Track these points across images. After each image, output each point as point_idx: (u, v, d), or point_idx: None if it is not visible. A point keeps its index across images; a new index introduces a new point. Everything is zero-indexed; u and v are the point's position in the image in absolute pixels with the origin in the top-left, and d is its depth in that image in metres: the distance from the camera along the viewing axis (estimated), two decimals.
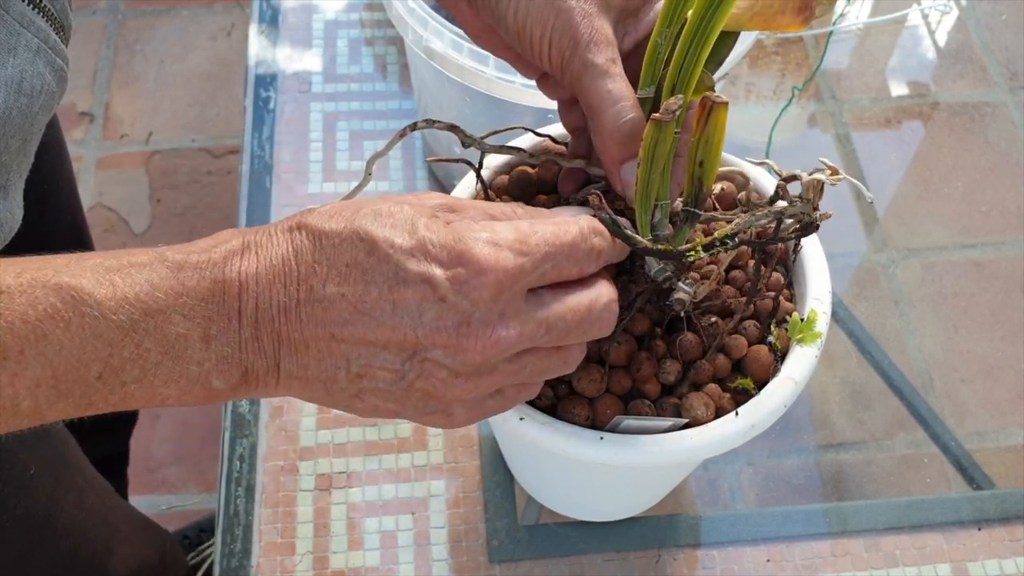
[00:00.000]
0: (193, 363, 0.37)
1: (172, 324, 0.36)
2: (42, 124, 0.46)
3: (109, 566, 0.80)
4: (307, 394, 0.40)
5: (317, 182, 0.82)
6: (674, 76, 0.42)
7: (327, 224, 0.38)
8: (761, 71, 0.94)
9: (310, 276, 0.38)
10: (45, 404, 0.35)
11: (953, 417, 0.74)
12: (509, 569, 0.64)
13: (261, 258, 0.38)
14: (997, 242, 0.85)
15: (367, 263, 0.38)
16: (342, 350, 0.38)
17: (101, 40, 1.82)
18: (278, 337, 0.38)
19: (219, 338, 0.37)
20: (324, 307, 0.38)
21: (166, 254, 0.38)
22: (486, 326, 0.38)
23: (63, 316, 0.34)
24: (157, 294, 0.36)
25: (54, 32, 0.45)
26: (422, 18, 0.66)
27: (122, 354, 0.35)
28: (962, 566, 0.66)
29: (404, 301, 0.37)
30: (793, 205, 0.43)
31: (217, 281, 0.37)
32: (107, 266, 0.36)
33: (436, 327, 0.38)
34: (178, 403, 0.38)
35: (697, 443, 0.45)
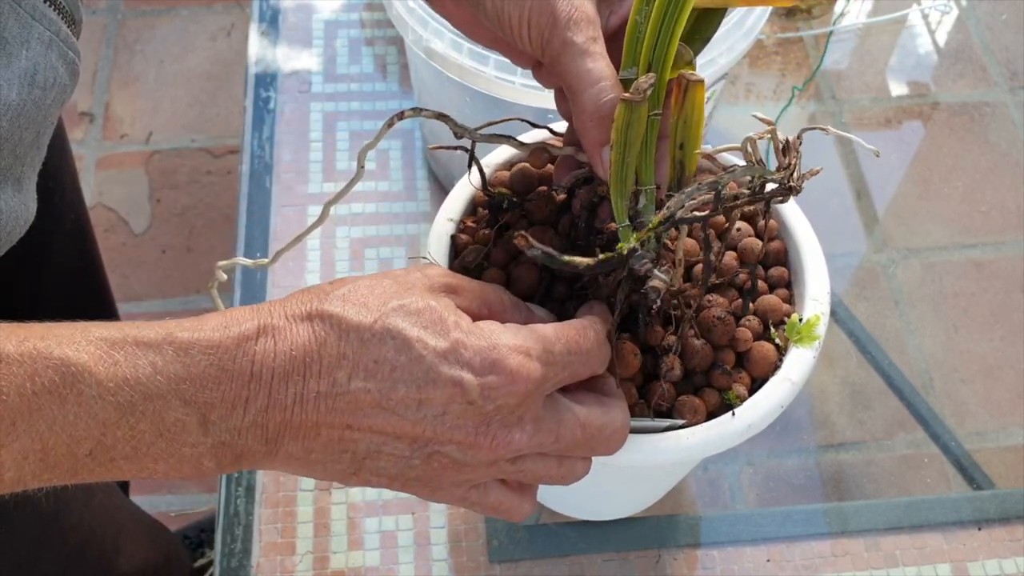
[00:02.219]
0: (187, 445, 0.36)
1: (171, 409, 0.35)
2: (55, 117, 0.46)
3: (116, 564, 0.80)
4: (300, 472, 0.40)
5: (317, 182, 0.82)
6: (648, 54, 0.41)
7: (355, 316, 0.38)
8: (761, 71, 0.94)
9: (334, 369, 0.37)
10: (30, 475, 0.35)
11: (953, 417, 0.74)
12: (509, 569, 0.64)
13: (279, 346, 0.37)
14: (997, 242, 0.84)
15: (397, 361, 0.38)
16: (354, 437, 0.38)
17: (101, 40, 1.82)
18: (287, 425, 0.37)
19: (219, 424, 0.36)
20: (347, 400, 0.38)
21: (175, 333, 0.36)
22: (504, 428, 0.39)
23: (59, 392, 0.34)
24: (158, 378, 0.35)
25: (65, 25, 0.45)
26: (422, 18, 0.66)
27: (115, 433, 0.35)
28: (962, 566, 0.66)
29: (430, 400, 0.38)
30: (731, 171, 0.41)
31: (226, 370, 0.36)
32: (111, 341, 0.35)
33: (456, 426, 0.38)
34: (164, 477, 0.38)
35: (693, 443, 0.45)
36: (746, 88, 0.93)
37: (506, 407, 0.39)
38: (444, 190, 0.81)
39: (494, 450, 0.39)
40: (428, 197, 0.82)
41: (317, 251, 0.78)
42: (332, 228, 0.79)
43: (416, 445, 0.39)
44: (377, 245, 0.79)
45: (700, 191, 0.41)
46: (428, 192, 0.82)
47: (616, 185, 0.42)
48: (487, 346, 0.39)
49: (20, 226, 0.45)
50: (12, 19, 0.41)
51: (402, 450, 0.39)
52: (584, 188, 0.48)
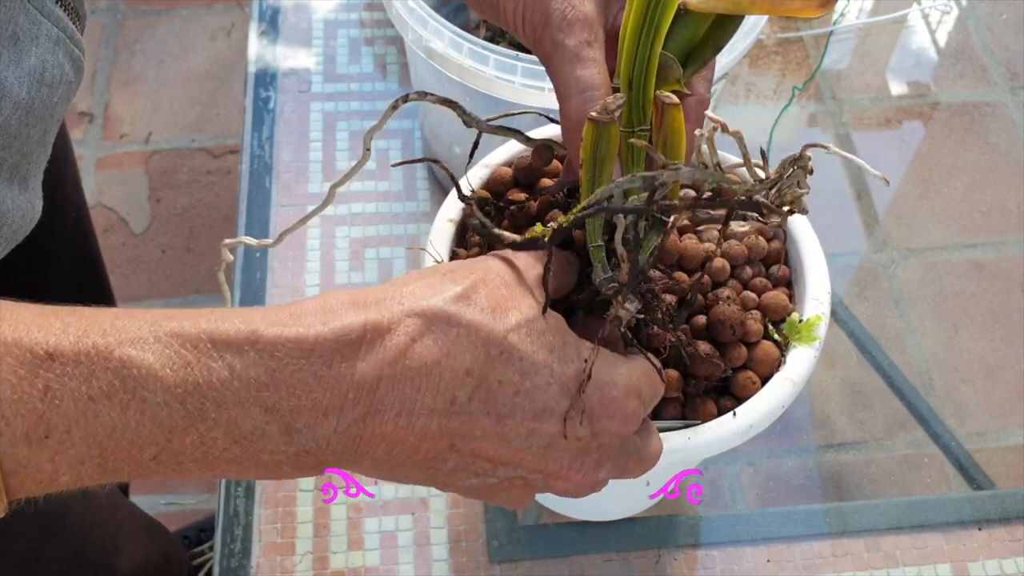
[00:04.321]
0: (265, 452, 0.33)
1: (249, 417, 0.31)
2: (61, 114, 0.46)
3: (116, 564, 0.80)
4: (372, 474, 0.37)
5: (317, 182, 0.82)
6: (629, 68, 0.38)
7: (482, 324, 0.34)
8: (761, 71, 0.94)
9: (456, 386, 0.34)
10: (88, 479, 0.32)
11: (953, 417, 0.74)
12: (509, 569, 0.64)
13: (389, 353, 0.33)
14: (997, 242, 0.84)
15: (522, 386, 0.35)
16: (449, 456, 0.36)
17: (101, 40, 1.82)
18: (384, 436, 0.34)
19: (304, 432, 0.32)
20: (461, 421, 0.34)
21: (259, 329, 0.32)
22: (596, 466, 0.38)
23: (120, 398, 0.30)
24: (235, 383, 0.31)
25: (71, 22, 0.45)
26: (422, 18, 0.66)
27: (183, 440, 0.31)
28: (962, 566, 0.66)
29: (541, 431, 0.36)
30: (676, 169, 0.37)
31: (320, 377, 0.32)
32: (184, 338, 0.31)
33: (555, 459, 0.37)
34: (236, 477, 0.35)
35: (694, 443, 0.45)
36: (746, 88, 0.93)
37: (607, 447, 0.38)
38: (444, 190, 0.81)
39: (578, 486, 0.38)
40: (428, 197, 0.81)
41: (317, 251, 0.78)
42: (332, 228, 0.79)
43: (505, 469, 0.37)
44: (377, 245, 0.79)
45: (633, 183, 0.37)
46: (428, 192, 0.82)
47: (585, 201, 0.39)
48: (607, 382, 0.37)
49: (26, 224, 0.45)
50: (22, 16, 0.41)
51: (488, 471, 0.37)
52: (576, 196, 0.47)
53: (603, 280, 0.41)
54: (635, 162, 0.40)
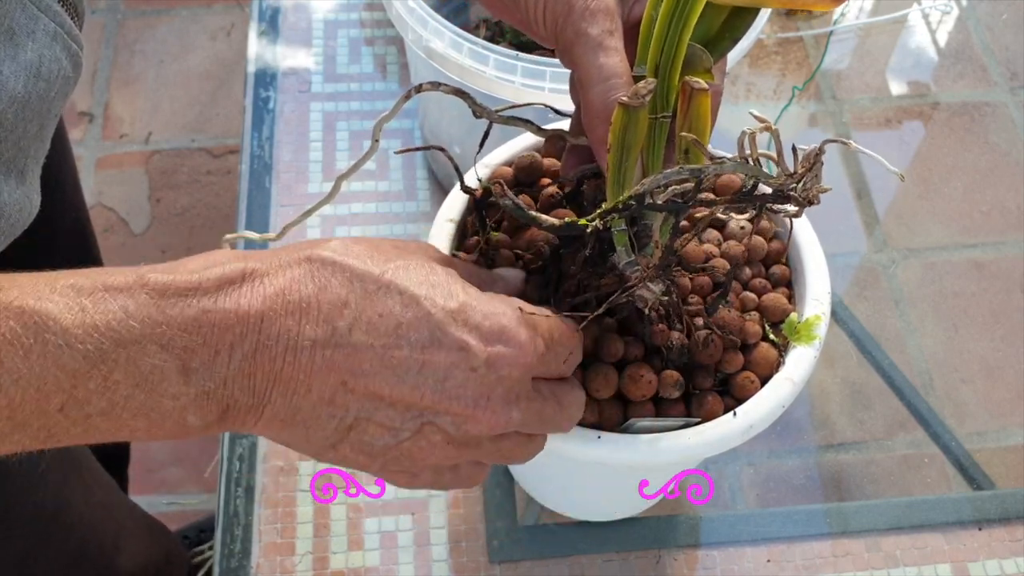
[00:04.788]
0: (168, 397, 0.34)
1: (147, 355, 0.33)
2: (58, 110, 0.46)
3: (116, 563, 0.80)
4: (282, 436, 0.38)
5: (317, 182, 0.82)
6: (656, 56, 0.39)
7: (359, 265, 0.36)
8: (761, 71, 0.94)
9: (335, 317, 0.35)
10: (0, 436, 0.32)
11: (953, 417, 0.74)
12: (509, 569, 0.64)
13: (269, 288, 0.35)
14: (997, 242, 0.84)
15: (403, 316, 0.36)
16: (346, 400, 0.36)
17: (101, 40, 1.82)
18: (276, 376, 0.35)
19: (200, 372, 0.34)
20: (345, 353, 0.35)
21: (148, 276, 0.34)
22: (504, 403, 0.38)
23: (23, 342, 0.31)
24: (131, 322, 0.33)
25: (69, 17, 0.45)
26: (422, 18, 0.66)
27: (87, 386, 0.32)
28: (962, 566, 0.66)
29: (433, 363, 0.36)
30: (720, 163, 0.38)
31: (206, 310, 0.34)
32: (79, 288, 0.33)
33: (456, 395, 0.37)
34: (147, 437, 0.35)
35: (695, 442, 0.45)
36: (746, 88, 0.93)
37: (508, 380, 0.37)
38: (444, 190, 0.81)
39: (490, 425, 0.38)
40: (428, 197, 0.81)
41: None
42: (332, 228, 0.79)
43: (410, 414, 0.37)
44: None
45: (680, 175, 0.38)
46: (428, 192, 0.82)
47: (612, 187, 0.40)
48: (496, 312, 0.37)
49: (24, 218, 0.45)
50: (19, 11, 0.41)
51: (393, 419, 0.37)
52: (593, 182, 0.47)
53: (627, 264, 0.42)
54: (656, 148, 0.41)
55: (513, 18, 0.45)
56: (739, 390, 0.47)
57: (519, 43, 0.79)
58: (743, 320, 0.47)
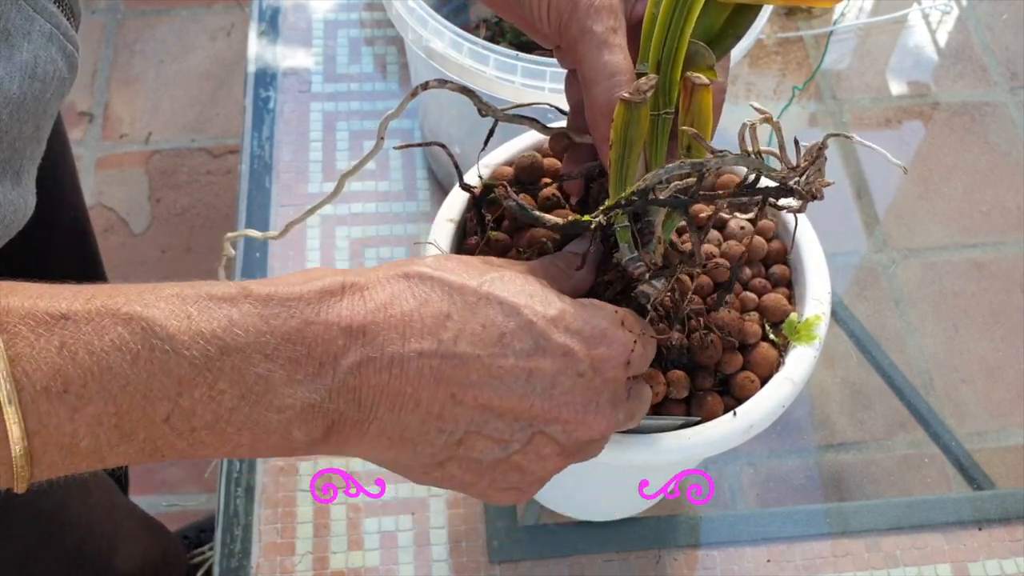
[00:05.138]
0: (273, 410, 0.33)
1: (252, 364, 0.33)
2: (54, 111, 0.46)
3: (114, 563, 0.80)
4: (387, 455, 0.37)
5: (317, 182, 0.82)
6: (657, 52, 0.39)
7: (456, 278, 0.36)
8: (761, 71, 0.94)
9: (439, 329, 0.35)
10: (106, 445, 0.32)
11: (953, 417, 0.74)
12: (509, 569, 0.64)
13: (371, 303, 0.35)
14: (997, 242, 0.84)
15: (506, 326, 0.36)
16: (455, 413, 0.36)
17: (101, 40, 1.82)
18: (383, 390, 0.34)
19: (306, 384, 0.33)
20: (453, 365, 0.35)
21: (250, 287, 0.34)
22: (612, 406, 0.38)
23: (131, 348, 0.31)
24: (236, 330, 0.33)
25: (65, 18, 0.45)
26: (422, 18, 0.66)
27: (193, 394, 0.32)
28: (962, 566, 0.66)
29: (540, 371, 0.36)
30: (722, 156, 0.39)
31: (309, 321, 0.34)
32: (183, 297, 0.33)
33: (566, 401, 0.37)
34: (251, 453, 0.35)
35: (695, 442, 0.45)
36: (746, 88, 0.93)
37: (613, 382, 0.38)
38: (444, 190, 0.81)
39: (601, 429, 0.38)
40: (428, 197, 0.81)
41: (317, 251, 0.78)
42: (332, 228, 0.79)
43: (519, 424, 0.37)
44: (377, 245, 0.79)
45: (681, 168, 0.38)
46: (428, 192, 0.82)
47: (615, 184, 0.41)
48: (594, 315, 0.37)
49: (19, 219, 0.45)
50: (15, 11, 0.41)
51: (503, 431, 0.36)
52: (599, 181, 0.47)
53: (629, 260, 0.42)
54: (659, 144, 0.41)
55: (515, 16, 0.45)
56: (739, 390, 0.47)
57: (519, 43, 0.79)
58: (742, 320, 0.47)
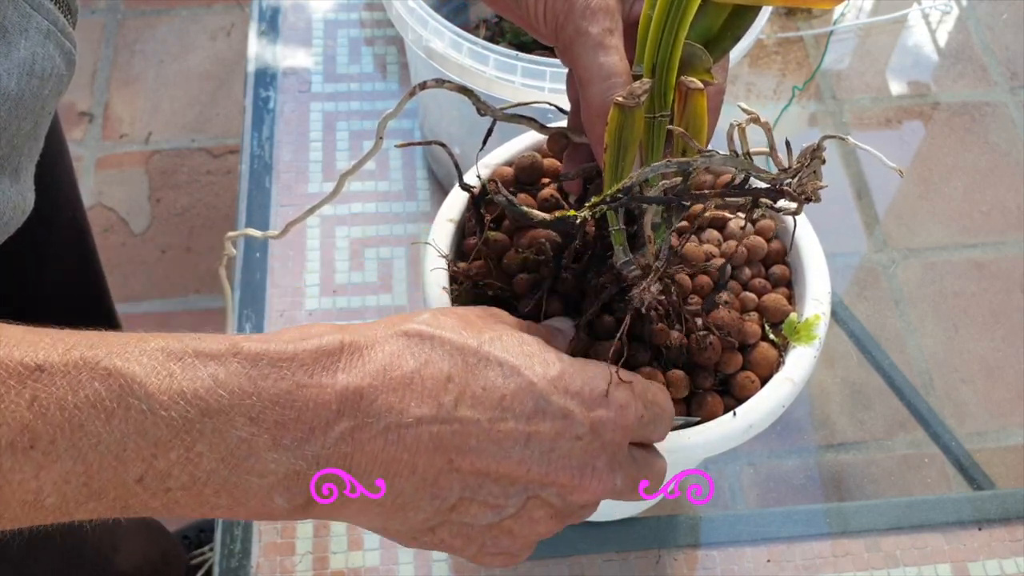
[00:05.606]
0: (254, 475, 0.32)
1: (234, 427, 0.31)
2: (52, 108, 0.46)
3: (113, 563, 0.80)
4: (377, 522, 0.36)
5: (317, 182, 0.82)
6: (652, 55, 0.39)
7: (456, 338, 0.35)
8: (761, 71, 0.94)
9: (440, 392, 0.34)
10: (74, 503, 0.31)
11: (953, 417, 0.74)
12: (509, 570, 0.64)
13: (370, 365, 0.33)
14: (997, 242, 0.84)
15: (507, 388, 0.35)
16: (450, 480, 0.35)
17: (101, 40, 1.82)
18: (375, 457, 0.33)
19: (292, 450, 0.32)
20: (453, 430, 0.34)
21: (241, 344, 0.32)
22: (609, 470, 0.37)
23: (106, 406, 0.30)
24: (220, 391, 0.31)
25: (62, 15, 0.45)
26: (422, 18, 0.66)
27: (169, 456, 0.31)
28: (962, 566, 0.66)
29: (539, 435, 0.35)
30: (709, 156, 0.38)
31: (302, 384, 0.32)
32: (169, 351, 0.31)
33: (562, 466, 0.36)
34: (229, 515, 0.33)
35: (694, 442, 0.45)
36: (746, 88, 0.93)
37: (612, 445, 0.37)
38: (444, 190, 0.81)
39: (596, 494, 0.37)
40: (428, 197, 0.81)
41: (317, 251, 0.78)
42: (332, 228, 0.79)
43: (514, 488, 0.36)
44: (377, 245, 0.79)
45: (668, 168, 0.38)
46: (428, 192, 0.82)
47: (609, 185, 0.40)
48: (594, 376, 0.37)
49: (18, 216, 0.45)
50: (11, 9, 0.41)
51: (497, 496, 0.35)
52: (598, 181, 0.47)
53: (624, 263, 0.42)
54: (655, 146, 0.41)
55: (513, 15, 0.45)
56: (739, 390, 0.47)
57: (519, 43, 0.79)
58: (742, 320, 0.47)
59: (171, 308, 1.52)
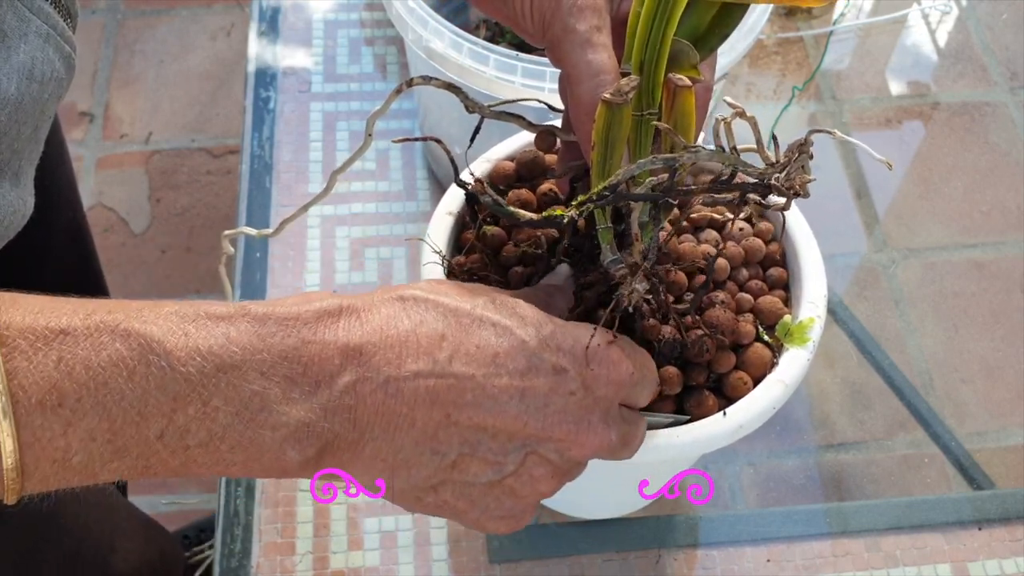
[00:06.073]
0: (267, 428, 0.34)
1: (247, 382, 0.33)
2: (52, 112, 0.46)
3: (111, 563, 0.80)
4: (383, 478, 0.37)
5: (317, 182, 0.82)
6: (640, 52, 0.39)
7: (450, 301, 0.37)
8: (761, 71, 0.94)
9: (434, 349, 0.35)
10: (99, 461, 0.33)
11: (953, 417, 0.74)
12: (509, 569, 0.64)
13: (368, 325, 0.35)
14: (997, 242, 0.84)
15: (500, 346, 0.36)
16: (449, 434, 0.36)
17: (101, 40, 1.82)
18: (377, 410, 0.35)
19: (301, 402, 0.34)
20: (448, 385, 0.35)
21: (248, 307, 0.35)
22: (604, 425, 0.38)
23: (128, 364, 0.32)
24: (232, 347, 0.33)
25: (61, 19, 0.45)
26: (422, 18, 0.66)
27: (187, 411, 0.33)
28: (962, 566, 0.66)
29: (533, 390, 0.36)
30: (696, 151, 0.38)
31: (306, 340, 0.34)
32: (182, 315, 0.34)
33: (558, 420, 0.37)
34: (244, 472, 0.35)
35: (683, 441, 0.45)
36: (746, 88, 0.93)
37: (604, 400, 0.38)
38: (444, 190, 0.81)
39: (594, 447, 0.38)
40: (428, 197, 0.81)
41: (317, 251, 0.78)
42: (332, 228, 0.79)
43: (512, 444, 0.37)
44: (377, 245, 0.79)
45: (654, 164, 0.38)
46: (428, 192, 0.82)
47: (596, 183, 0.40)
48: (586, 335, 0.38)
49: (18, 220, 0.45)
50: (10, 13, 0.41)
51: (496, 452, 0.37)
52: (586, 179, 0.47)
53: (611, 261, 0.42)
54: (643, 144, 0.41)
55: (500, 14, 0.45)
56: (731, 390, 0.47)
57: (519, 43, 0.79)
58: (736, 321, 0.47)
59: None
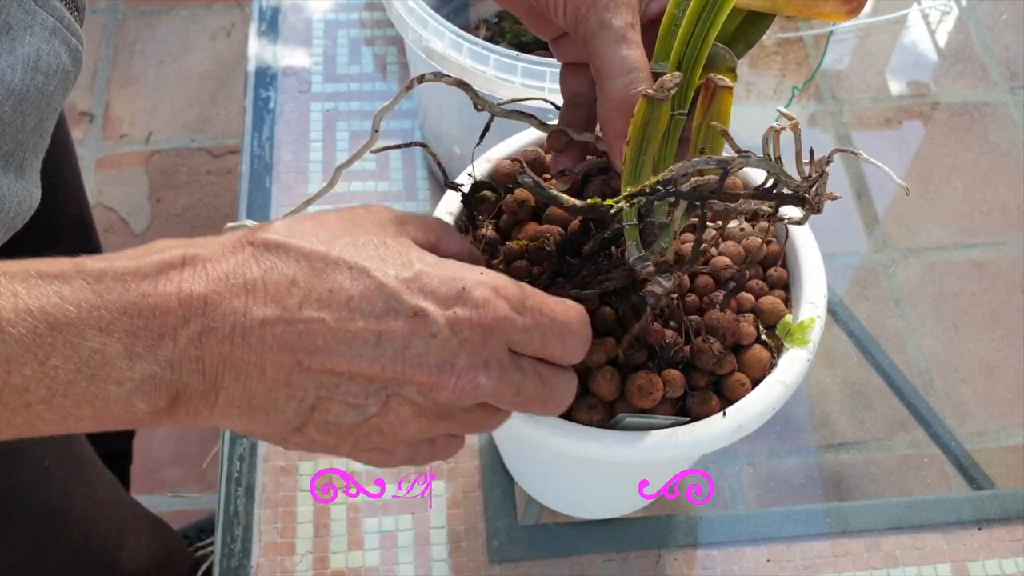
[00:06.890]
0: (112, 382, 0.33)
1: (85, 339, 0.32)
2: (58, 104, 0.46)
3: (119, 559, 0.80)
4: (242, 424, 0.36)
5: (317, 182, 0.82)
6: (680, 51, 0.39)
7: (304, 244, 0.35)
8: (761, 71, 0.94)
9: (283, 295, 0.34)
10: None
11: (953, 417, 0.74)
12: (509, 569, 0.64)
13: (212, 272, 0.34)
14: (997, 242, 0.84)
15: (355, 289, 0.35)
16: (303, 380, 0.35)
17: (101, 40, 1.82)
18: (226, 360, 0.34)
19: (144, 356, 0.33)
20: (298, 331, 0.34)
21: (84, 263, 0.33)
22: (471, 369, 0.36)
23: None
24: (67, 306, 0.32)
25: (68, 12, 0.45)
26: (422, 18, 0.66)
27: (23, 372, 0.31)
28: (962, 566, 0.66)
29: (390, 333, 0.35)
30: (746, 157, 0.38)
31: (146, 294, 0.33)
32: (11, 275, 0.32)
33: (419, 363, 0.35)
34: (94, 426, 0.34)
35: (683, 441, 0.45)
36: (746, 88, 0.93)
37: (471, 343, 0.36)
38: (444, 190, 0.81)
39: (459, 394, 0.36)
40: (428, 197, 0.81)
41: None
42: None
43: (372, 387, 0.36)
44: None
45: (708, 164, 0.38)
46: (428, 192, 0.82)
47: (628, 181, 0.41)
48: (453, 276, 0.36)
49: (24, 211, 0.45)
50: (15, 6, 0.42)
51: (356, 395, 0.36)
52: (598, 178, 0.47)
53: (637, 259, 0.42)
54: (669, 144, 0.41)
55: (523, 8, 0.45)
56: (731, 391, 0.47)
57: (519, 43, 0.79)
58: (737, 322, 0.47)
59: None
